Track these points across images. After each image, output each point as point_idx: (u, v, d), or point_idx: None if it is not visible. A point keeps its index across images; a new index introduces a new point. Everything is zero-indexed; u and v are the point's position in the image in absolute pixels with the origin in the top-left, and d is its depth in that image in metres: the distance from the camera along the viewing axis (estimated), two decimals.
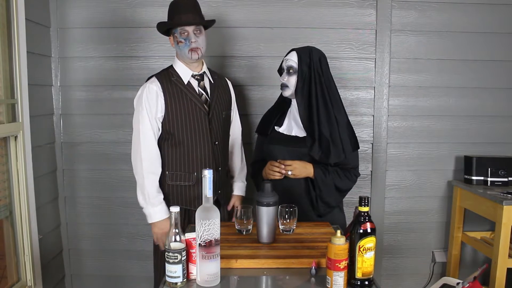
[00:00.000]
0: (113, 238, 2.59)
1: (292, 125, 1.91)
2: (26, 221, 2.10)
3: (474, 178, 2.42)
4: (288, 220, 1.60)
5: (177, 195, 1.91)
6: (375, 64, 2.50)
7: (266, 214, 1.49)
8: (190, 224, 1.82)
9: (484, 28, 2.49)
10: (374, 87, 2.52)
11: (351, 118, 2.04)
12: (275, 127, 1.95)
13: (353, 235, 1.21)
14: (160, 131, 1.88)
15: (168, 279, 1.23)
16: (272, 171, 1.84)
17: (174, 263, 1.21)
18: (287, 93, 1.89)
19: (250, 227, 1.62)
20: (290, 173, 1.81)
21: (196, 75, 1.92)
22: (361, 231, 1.20)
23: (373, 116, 2.54)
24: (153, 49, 2.45)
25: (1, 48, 1.98)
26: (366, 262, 1.21)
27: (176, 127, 1.86)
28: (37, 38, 2.27)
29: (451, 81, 2.53)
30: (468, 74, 2.53)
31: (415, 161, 2.59)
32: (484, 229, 2.60)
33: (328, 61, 1.92)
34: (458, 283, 1.51)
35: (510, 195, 2.17)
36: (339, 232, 1.20)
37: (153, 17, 2.41)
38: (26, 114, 2.12)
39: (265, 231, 1.51)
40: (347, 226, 1.76)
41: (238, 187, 2.15)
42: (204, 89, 1.94)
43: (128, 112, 2.44)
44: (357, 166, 1.94)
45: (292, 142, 1.87)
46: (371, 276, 1.23)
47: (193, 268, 1.26)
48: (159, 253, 1.94)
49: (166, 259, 1.22)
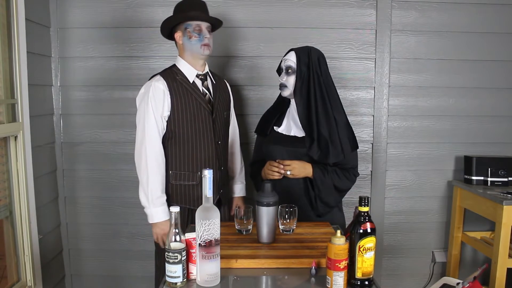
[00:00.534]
0: (113, 238, 2.59)
1: (291, 125, 1.91)
2: (26, 221, 2.10)
3: (474, 178, 2.42)
4: (288, 220, 1.60)
5: (180, 195, 1.90)
6: (375, 64, 2.50)
7: (266, 214, 1.49)
8: (191, 224, 1.82)
9: (484, 28, 2.49)
10: (374, 87, 2.52)
11: (351, 118, 2.04)
12: (274, 127, 1.95)
13: (353, 235, 1.21)
14: (165, 130, 1.87)
15: (168, 279, 1.23)
16: (271, 171, 1.84)
17: (174, 263, 1.21)
18: (286, 93, 1.89)
19: (250, 227, 1.62)
20: (289, 173, 1.81)
21: (200, 75, 1.92)
22: (361, 231, 1.20)
23: (373, 116, 2.54)
24: (153, 49, 2.45)
25: (1, 48, 1.98)
26: (366, 262, 1.21)
27: (181, 126, 1.86)
28: (37, 38, 2.27)
29: (451, 81, 2.53)
30: (468, 74, 2.53)
31: (415, 161, 2.59)
32: (484, 229, 2.60)
33: (328, 61, 1.92)
34: (458, 283, 1.51)
35: (510, 195, 2.17)
36: (339, 232, 1.20)
37: (153, 17, 2.41)
38: (26, 114, 2.12)
39: (265, 231, 1.51)
40: (346, 226, 1.76)
41: (239, 189, 2.16)
42: (208, 89, 1.94)
43: (128, 112, 2.45)
44: (356, 166, 1.94)
45: (291, 142, 1.87)
46: (371, 276, 1.23)
47: (193, 268, 1.26)
48: (161, 253, 1.94)
49: (166, 259, 1.22)
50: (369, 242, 1.20)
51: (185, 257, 1.23)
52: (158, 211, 1.83)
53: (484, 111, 2.56)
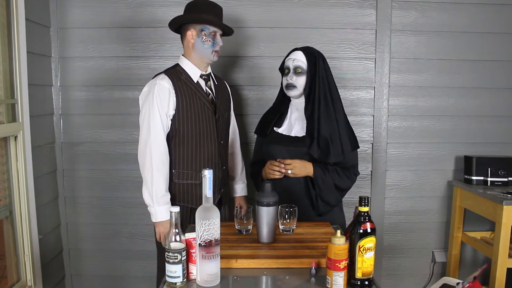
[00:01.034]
0: (113, 238, 2.58)
1: (293, 126, 1.91)
2: (26, 221, 2.10)
3: (474, 178, 2.43)
4: (288, 220, 1.60)
5: (183, 194, 1.90)
6: (375, 64, 2.50)
7: (266, 214, 1.49)
8: (191, 224, 1.82)
9: (484, 28, 2.49)
10: (374, 87, 2.52)
11: (351, 118, 2.04)
12: (274, 128, 1.95)
13: (353, 235, 1.21)
14: (169, 129, 1.87)
15: (168, 279, 1.23)
16: (272, 170, 1.84)
17: (174, 263, 1.21)
18: (294, 93, 1.88)
19: (250, 227, 1.62)
20: (290, 172, 1.81)
21: (203, 75, 1.93)
22: (361, 231, 1.20)
23: (373, 116, 2.54)
24: (153, 49, 2.45)
25: (1, 48, 1.98)
26: (366, 262, 1.21)
27: (185, 126, 1.86)
28: (37, 38, 2.27)
29: (451, 81, 2.53)
30: (468, 74, 2.53)
31: (415, 161, 2.59)
32: (484, 229, 2.60)
33: (328, 61, 1.93)
34: (458, 283, 1.51)
35: (510, 195, 2.17)
36: (339, 232, 1.20)
37: (153, 17, 2.41)
38: (26, 114, 2.12)
39: (265, 231, 1.51)
40: (347, 226, 1.76)
41: (241, 188, 2.16)
42: (211, 89, 1.95)
43: (128, 112, 2.45)
44: (357, 165, 1.94)
45: (291, 142, 1.88)
46: (371, 276, 1.23)
47: (193, 268, 1.26)
48: (163, 254, 1.94)
49: (166, 259, 1.22)
50: (369, 242, 1.20)
51: (185, 257, 1.23)
52: (162, 209, 1.82)
53: (484, 111, 2.56)
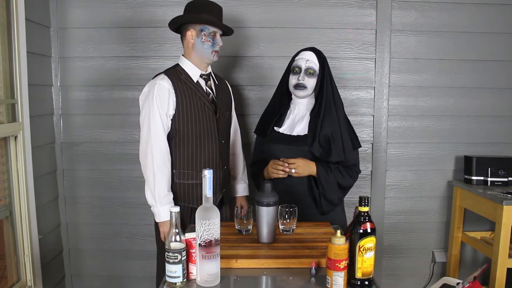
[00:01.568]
0: (113, 238, 2.58)
1: (294, 125, 1.91)
2: (26, 221, 2.10)
3: (474, 178, 2.42)
4: (288, 220, 1.60)
5: (184, 194, 1.90)
6: (375, 64, 2.50)
7: (266, 214, 1.49)
8: (192, 224, 1.82)
9: (484, 28, 2.49)
10: (374, 87, 2.52)
11: (351, 118, 2.05)
12: (275, 128, 1.95)
13: (353, 235, 1.21)
14: (169, 129, 1.87)
15: (168, 279, 1.23)
16: (275, 169, 1.84)
17: (174, 263, 1.21)
18: (302, 94, 1.88)
19: (250, 227, 1.62)
20: (293, 171, 1.81)
21: (203, 75, 1.93)
22: (361, 231, 1.20)
23: (373, 116, 2.54)
24: (153, 49, 2.45)
25: (1, 48, 1.98)
26: (366, 262, 1.21)
27: (186, 126, 1.86)
28: (37, 38, 2.27)
29: (451, 81, 2.53)
30: (468, 74, 2.53)
31: (415, 161, 2.59)
32: (484, 229, 2.60)
33: (328, 61, 1.93)
34: (458, 283, 1.51)
35: (510, 195, 2.17)
36: (339, 232, 1.20)
37: (153, 17, 2.41)
38: (26, 114, 2.12)
39: (265, 231, 1.51)
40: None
41: (242, 188, 2.16)
42: (211, 89, 1.95)
43: (128, 112, 2.45)
44: (358, 163, 1.95)
45: (293, 141, 1.88)
46: (371, 276, 1.23)
47: (193, 268, 1.26)
48: (164, 253, 1.94)
49: (166, 259, 1.22)
50: (369, 242, 1.20)
51: (185, 257, 1.23)
52: (165, 209, 1.82)
53: (485, 111, 2.56)
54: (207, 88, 1.93)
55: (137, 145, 1.89)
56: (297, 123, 1.91)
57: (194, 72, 1.89)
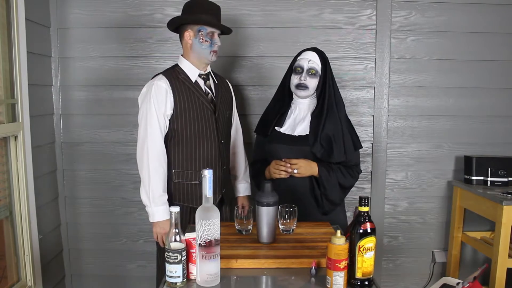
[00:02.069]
0: (113, 238, 2.58)
1: (296, 125, 1.91)
2: (26, 221, 2.10)
3: (474, 178, 2.42)
4: (288, 220, 1.60)
5: (183, 194, 1.90)
6: (375, 64, 2.50)
7: (266, 214, 1.49)
8: (191, 224, 1.82)
9: (484, 28, 2.49)
10: (374, 87, 2.52)
11: (351, 118, 2.05)
12: (276, 128, 1.95)
13: (353, 235, 1.21)
14: (167, 129, 1.87)
15: (168, 279, 1.23)
16: (278, 170, 1.83)
17: (174, 263, 1.21)
18: (304, 94, 1.88)
19: (250, 227, 1.62)
20: (296, 172, 1.81)
21: (202, 74, 1.93)
22: (361, 231, 1.20)
23: (373, 116, 2.54)
24: (153, 49, 2.45)
25: (1, 48, 1.98)
26: (366, 262, 1.21)
27: (184, 125, 1.86)
28: (37, 38, 2.27)
29: (451, 81, 2.53)
30: (468, 74, 2.53)
31: (415, 161, 2.59)
32: (484, 229, 2.60)
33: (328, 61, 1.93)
34: (458, 283, 1.51)
35: (510, 195, 2.17)
36: (339, 232, 1.20)
37: (153, 17, 2.41)
38: (26, 114, 2.12)
39: (265, 231, 1.50)
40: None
41: (244, 188, 2.16)
42: (210, 89, 1.95)
43: (128, 112, 2.45)
44: (359, 163, 1.96)
45: (294, 141, 1.88)
46: (371, 276, 1.23)
47: (193, 268, 1.26)
48: (163, 253, 1.94)
49: (166, 259, 1.22)
50: (369, 242, 1.20)
51: (185, 257, 1.23)
52: (159, 210, 1.83)
53: (484, 111, 2.56)
54: (206, 87, 1.93)
55: (136, 145, 1.89)
56: (298, 123, 1.91)
57: (192, 72, 1.89)
